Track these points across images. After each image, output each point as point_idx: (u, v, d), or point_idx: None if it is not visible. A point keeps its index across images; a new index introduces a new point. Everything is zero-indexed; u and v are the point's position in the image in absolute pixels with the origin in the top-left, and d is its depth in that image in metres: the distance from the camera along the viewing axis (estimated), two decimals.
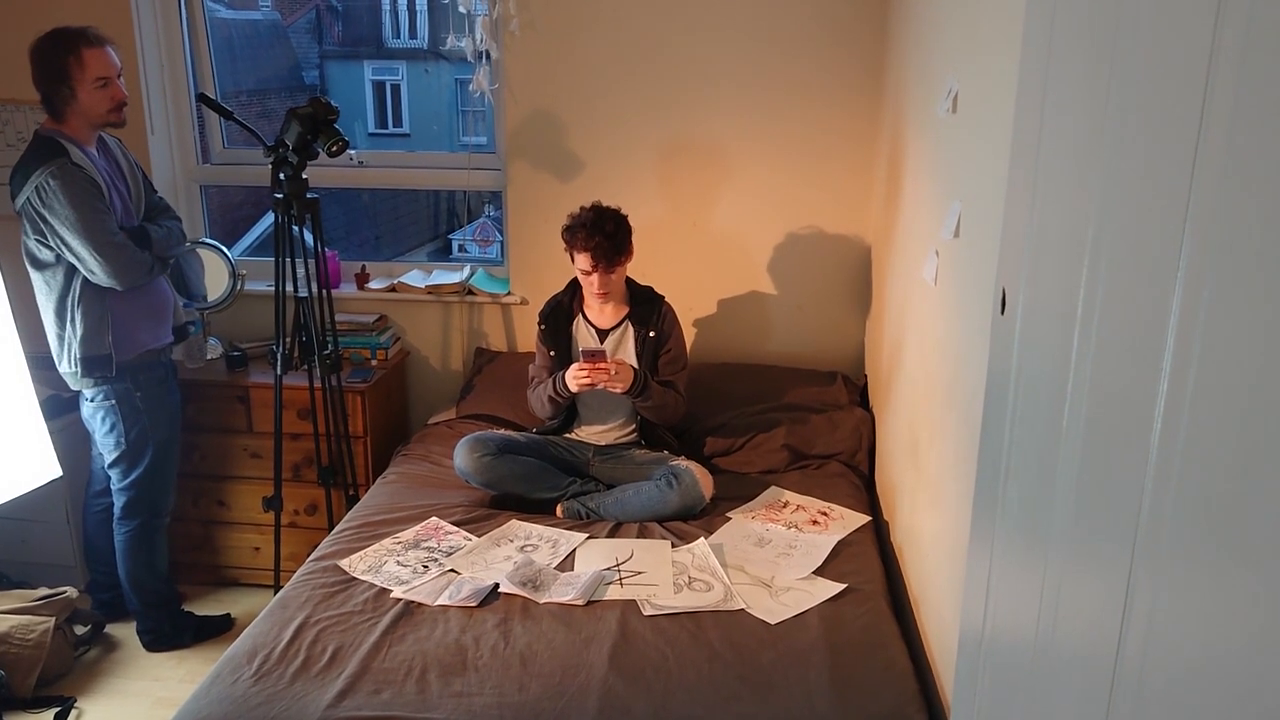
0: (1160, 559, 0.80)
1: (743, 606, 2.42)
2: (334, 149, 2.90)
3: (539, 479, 2.98)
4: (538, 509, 2.94)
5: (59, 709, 2.90)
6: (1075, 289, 1.01)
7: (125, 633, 3.31)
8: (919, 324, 2.57)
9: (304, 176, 3.00)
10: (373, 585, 2.50)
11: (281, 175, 2.98)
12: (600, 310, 3.12)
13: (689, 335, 3.52)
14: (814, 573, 2.57)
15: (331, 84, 10.48)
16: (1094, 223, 0.97)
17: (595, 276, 2.96)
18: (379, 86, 10.92)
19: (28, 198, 2.76)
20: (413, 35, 11.18)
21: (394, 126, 10.79)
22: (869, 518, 2.86)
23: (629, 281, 3.14)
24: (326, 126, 2.90)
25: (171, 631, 3.25)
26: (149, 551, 3.16)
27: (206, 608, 3.43)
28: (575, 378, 2.93)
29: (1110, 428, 0.94)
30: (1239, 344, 0.69)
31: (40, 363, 3.20)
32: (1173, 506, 0.79)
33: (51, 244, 2.80)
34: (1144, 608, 0.83)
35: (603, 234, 2.90)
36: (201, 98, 3.08)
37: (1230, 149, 0.71)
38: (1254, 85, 0.69)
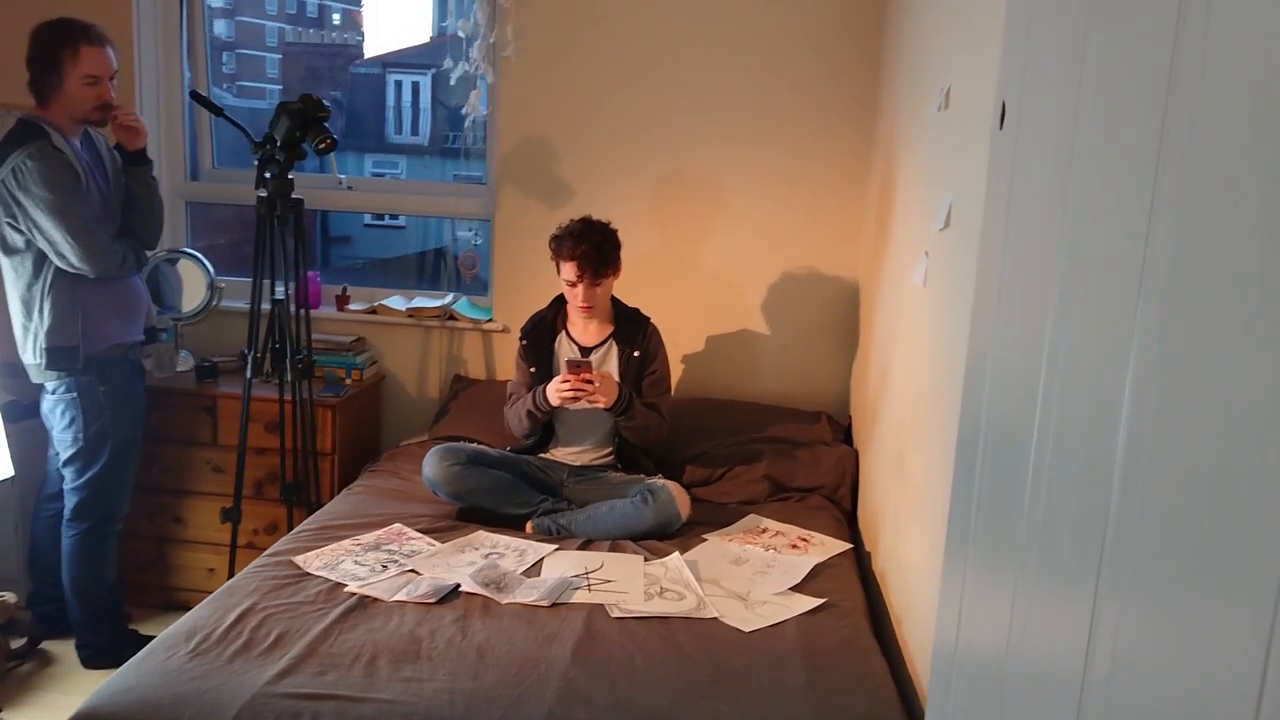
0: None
1: (716, 615, 2.30)
2: (322, 146, 2.88)
3: (509, 494, 2.87)
4: (507, 524, 2.82)
5: None
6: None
7: (63, 650, 3.13)
8: (908, 333, 2.51)
9: (289, 176, 2.97)
10: (327, 580, 2.38)
11: (267, 174, 2.95)
12: (585, 327, 3.06)
13: (675, 369, 3.45)
14: (791, 589, 2.46)
15: None
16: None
17: (579, 289, 2.91)
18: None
19: (3, 179, 2.72)
20: (414, 133, 11.43)
21: (390, 218, 10.93)
22: (850, 545, 2.75)
23: (615, 301, 3.09)
24: (315, 124, 2.88)
25: (113, 647, 3.07)
26: (97, 557, 3.01)
27: (154, 630, 3.24)
28: (557, 390, 2.85)
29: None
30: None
31: (4, 369, 3.13)
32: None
33: (23, 227, 2.74)
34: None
35: (589, 244, 2.86)
36: (194, 95, 3.07)
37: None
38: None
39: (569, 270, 2.89)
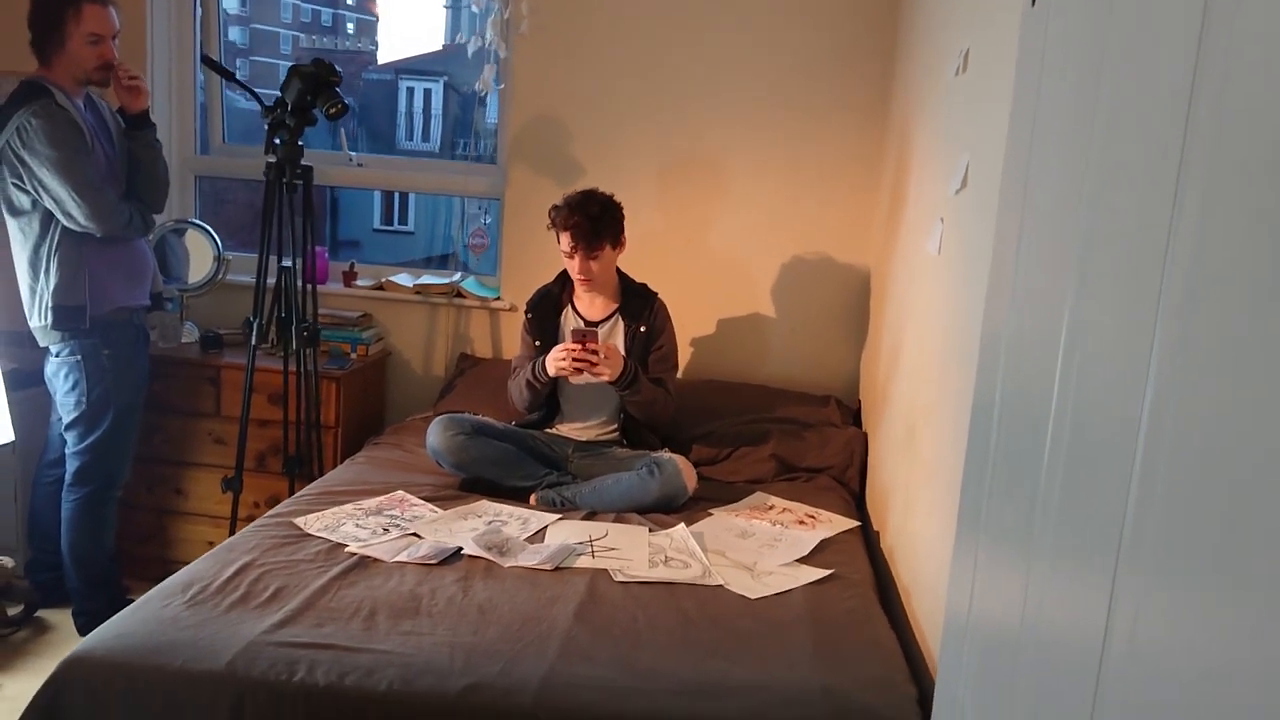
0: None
1: (721, 583, 2.26)
2: (332, 111, 2.87)
3: (514, 465, 2.83)
4: (510, 496, 2.78)
5: None
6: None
7: (60, 618, 3.10)
8: (922, 304, 2.48)
9: (300, 143, 2.95)
10: (327, 541, 2.34)
11: (277, 140, 2.93)
12: (590, 301, 3.03)
13: (683, 351, 3.41)
14: (798, 561, 2.42)
15: None
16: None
17: (576, 260, 2.88)
18: None
19: (8, 140, 2.70)
20: (425, 139, 11.47)
21: (399, 224, 10.94)
22: (858, 523, 2.72)
23: (622, 275, 3.06)
24: (327, 88, 2.87)
25: (109, 615, 3.00)
26: (97, 523, 2.98)
27: None
28: (556, 359, 2.81)
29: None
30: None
31: (9, 338, 3.11)
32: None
33: (29, 187, 2.73)
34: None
35: (583, 214, 2.83)
36: (205, 59, 3.06)
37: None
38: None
39: (565, 240, 2.87)
